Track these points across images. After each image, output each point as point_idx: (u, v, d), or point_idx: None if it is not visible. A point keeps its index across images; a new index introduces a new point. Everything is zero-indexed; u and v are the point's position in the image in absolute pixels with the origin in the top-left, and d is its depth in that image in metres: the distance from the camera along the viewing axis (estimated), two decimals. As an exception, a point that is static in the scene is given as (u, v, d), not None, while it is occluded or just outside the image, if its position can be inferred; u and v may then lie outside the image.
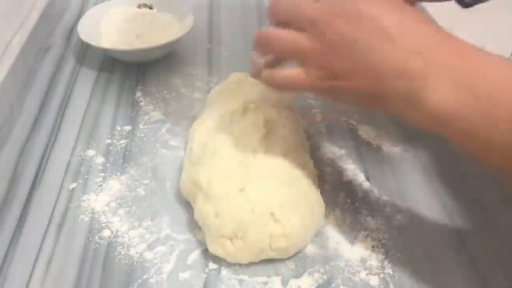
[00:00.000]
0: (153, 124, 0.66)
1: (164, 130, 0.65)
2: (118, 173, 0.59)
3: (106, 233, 0.52)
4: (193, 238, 0.52)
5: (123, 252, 0.50)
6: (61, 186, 0.57)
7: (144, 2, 0.83)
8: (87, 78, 0.74)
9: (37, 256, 0.50)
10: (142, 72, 0.76)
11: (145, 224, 0.53)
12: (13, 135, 0.64)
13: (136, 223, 0.53)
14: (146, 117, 0.67)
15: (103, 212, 0.54)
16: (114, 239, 0.51)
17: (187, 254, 0.50)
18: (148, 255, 0.50)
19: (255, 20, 0.89)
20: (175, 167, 0.59)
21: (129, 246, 0.51)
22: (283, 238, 0.48)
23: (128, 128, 0.65)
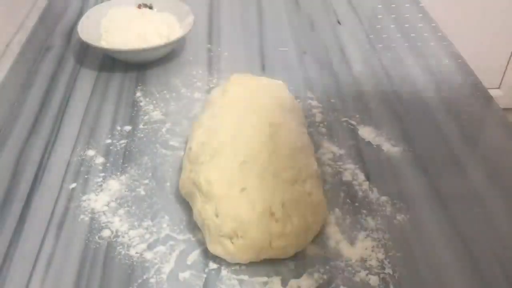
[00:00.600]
0: (153, 124, 0.66)
1: (164, 130, 0.65)
2: (118, 173, 0.59)
3: (106, 233, 0.52)
4: (193, 238, 0.52)
5: (123, 252, 0.50)
6: (61, 186, 0.57)
7: (144, 2, 0.83)
8: (87, 78, 0.74)
9: (37, 256, 0.50)
10: (142, 72, 0.76)
11: (145, 224, 0.53)
12: (13, 135, 0.64)
13: (136, 223, 0.53)
14: (146, 117, 0.67)
15: (103, 212, 0.54)
16: (114, 239, 0.51)
17: (187, 254, 0.50)
18: (148, 255, 0.50)
19: (255, 20, 0.89)
20: (175, 167, 0.59)
21: (129, 246, 0.51)
22: (283, 237, 0.48)
23: (128, 128, 0.65)
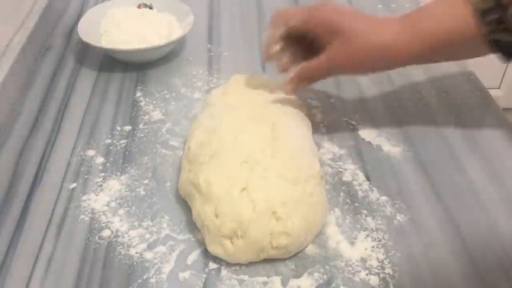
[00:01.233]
0: (153, 124, 0.66)
1: (164, 130, 0.65)
2: (118, 173, 0.59)
3: (106, 233, 0.52)
4: (193, 238, 0.52)
5: (123, 252, 0.50)
6: (61, 186, 0.57)
7: (144, 2, 0.83)
8: (87, 78, 0.75)
9: (37, 256, 0.50)
10: (142, 72, 0.76)
11: (145, 224, 0.53)
12: (13, 135, 0.64)
13: (136, 223, 0.53)
14: (146, 117, 0.67)
15: (103, 212, 0.54)
16: (114, 239, 0.51)
17: (187, 254, 0.50)
18: (148, 255, 0.50)
19: (255, 20, 0.89)
20: (175, 167, 0.59)
21: (129, 246, 0.51)
22: (284, 236, 0.48)
23: (128, 128, 0.65)
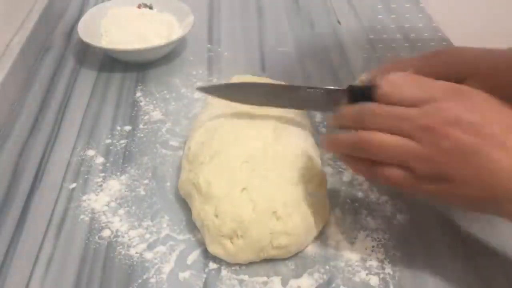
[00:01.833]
0: (153, 124, 0.66)
1: (164, 130, 0.65)
2: (118, 173, 0.59)
3: (106, 233, 0.52)
4: (193, 238, 0.52)
5: (123, 252, 0.50)
6: (61, 186, 0.57)
7: (144, 2, 0.83)
8: (87, 78, 0.75)
9: (37, 256, 0.50)
10: (142, 72, 0.76)
11: (145, 224, 0.53)
12: (13, 135, 0.64)
13: (136, 223, 0.53)
14: (146, 117, 0.67)
15: (103, 212, 0.54)
16: (114, 239, 0.51)
17: (187, 254, 0.50)
18: (148, 255, 0.50)
19: (255, 20, 0.89)
20: (175, 167, 0.59)
21: (129, 246, 0.51)
22: (284, 236, 0.48)
23: (128, 128, 0.65)
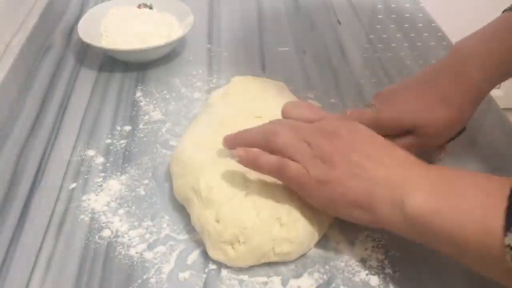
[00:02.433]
0: (153, 124, 0.66)
1: (164, 130, 0.65)
2: (118, 173, 0.59)
3: (106, 233, 0.52)
4: (193, 238, 0.52)
5: (123, 252, 0.50)
6: (61, 186, 0.57)
7: (144, 2, 0.83)
8: (87, 78, 0.74)
9: (37, 256, 0.50)
10: (142, 72, 0.76)
11: (145, 224, 0.53)
12: (13, 135, 0.64)
13: (136, 223, 0.53)
14: (146, 117, 0.67)
15: (103, 212, 0.54)
16: (114, 239, 0.51)
17: (187, 254, 0.50)
18: (148, 255, 0.50)
19: (255, 20, 0.89)
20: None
21: (129, 246, 0.51)
22: (287, 243, 0.47)
23: (128, 128, 0.65)
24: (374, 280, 0.47)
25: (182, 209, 0.54)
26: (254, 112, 0.57)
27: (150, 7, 0.83)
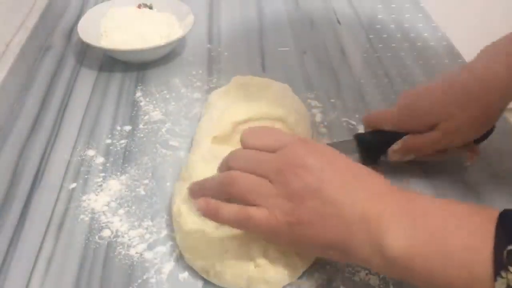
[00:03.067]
0: (153, 124, 0.66)
1: (164, 130, 0.65)
2: (118, 173, 0.59)
3: (106, 233, 0.52)
4: (193, 238, 0.52)
5: (123, 252, 0.50)
6: (61, 186, 0.57)
7: (144, 2, 0.83)
8: (87, 78, 0.75)
9: (37, 256, 0.50)
10: (142, 72, 0.76)
11: (145, 224, 0.53)
12: (13, 135, 0.64)
13: (136, 223, 0.53)
14: (146, 117, 0.67)
15: (103, 212, 0.54)
16: (114, 239, 0.51)
17: (187, 254, 0.50)
18: (148, 255, 0.50)
19: (255, 20, 0.89)
20: (175, 167, 0.59)
21: (129, 246, 0.51)
22: (263, 284, 0.45)
23: (128, 128, 0.65)
24: (374, 280, 0.47)
25: (182, 209, 0.54)
26: (255, 112, 0.57)
27: (150, 7, 0.83)
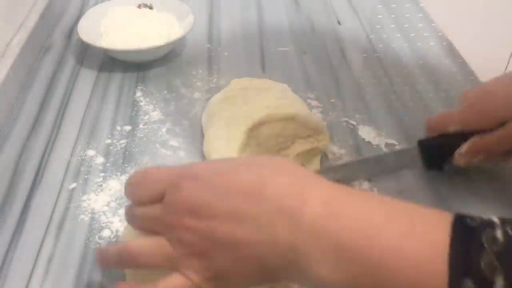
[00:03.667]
0: (153, 124, 0.66)
1: (164, 130, 0.65)
2: (118, 173, 0.59)
3: (106, 233, 0.52)
4: (193, 238, 0.52)
5: (123, 252, 0.50)
6: (61, 186, 0.57)
7: (144, 2, 0.83)
8: (87, 78, 0.74)
9: (37, 256, 0.50)
10: (142, 72, 0.76)
11: (145, 224, 0.53)
12: (13, 135, 0.64)
13: (136, 223, 0.53)
14: (146, 117, 0.67)
15: (103, 212, 0.54)
16: (114, 239, 0.51)
17: (187, 254, 0.50)
18: (148, 255, 0.50)
19: (255, 20, 0.89)
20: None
21: (129, 246, 0.51)
22: None
23: (128, 128, 0.65)
24: (374, 280, 0.47)
25: (182, 209, 0.54)
26: (254, 114, 0.56)
27: (150, 7, 0.83)
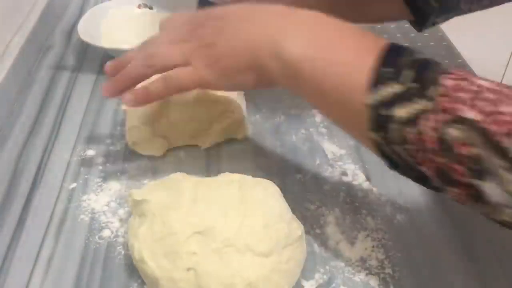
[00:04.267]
0: (153, 124, 0.66)
1: (164, 130, 0.65)
2: (118, 173, 0.59)
3: (106, 233, 0.52)
4: (193, 238, 0.52)
5: (123, 252, 0.50)
6: (61, 186, 0.57)
7: (144, 2, 0.83)
8: (87, 78, 0.74)
9: (37, 256, 0.50)
10: (142, 72, 0.75)
11: (145, 224, 0.53)
12: (13, 135, 0.64)
13: (136, 223, 0.53)
14: (146, 117, 0.67)
15: (103, 212, 0.54)
16: (114, 239, 0.51)
17: (187, 254, 0.50)
18: (148, 255, 0.50)
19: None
20: (175, 167, 0.59)
21: (129, 246, 0.51)
22: None
23: (128, 128, 0.65)
24: (374, 280, 0.47)
25: (182, 209, 0.54)
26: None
27: (150, 7, 0.83)
